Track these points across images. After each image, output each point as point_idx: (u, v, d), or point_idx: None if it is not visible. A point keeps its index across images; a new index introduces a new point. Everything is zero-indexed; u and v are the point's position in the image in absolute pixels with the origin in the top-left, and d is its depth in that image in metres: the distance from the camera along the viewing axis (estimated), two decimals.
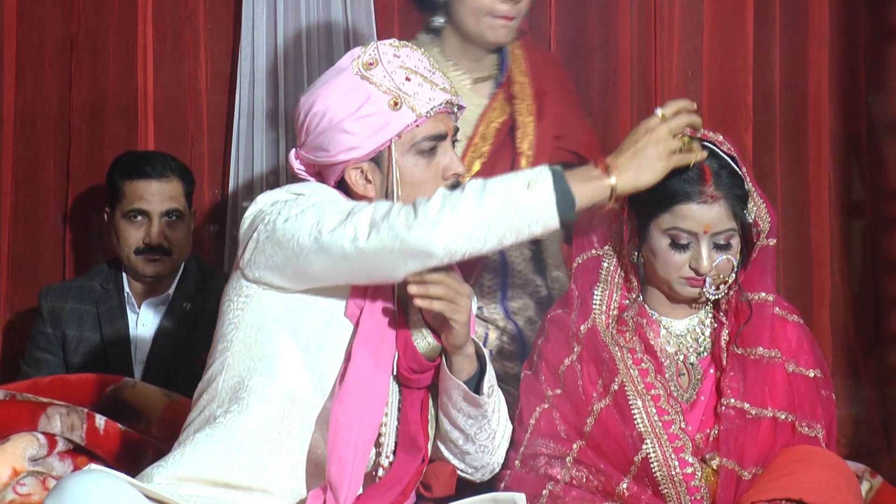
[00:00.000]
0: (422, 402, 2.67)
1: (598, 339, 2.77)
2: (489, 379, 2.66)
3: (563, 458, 2.72)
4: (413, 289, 2.49)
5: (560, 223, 2.44)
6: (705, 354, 2.80)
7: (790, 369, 2.76)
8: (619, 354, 2.76)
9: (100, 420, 3.04)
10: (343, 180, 2.65)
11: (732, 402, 2.72)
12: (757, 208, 2.76)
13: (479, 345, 2.67)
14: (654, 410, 2.71)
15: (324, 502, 2.52)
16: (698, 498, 2.68)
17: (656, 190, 2.64)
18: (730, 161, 2.74)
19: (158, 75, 4.06)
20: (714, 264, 2.72)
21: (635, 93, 3.94)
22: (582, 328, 2.78)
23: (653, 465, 2.69)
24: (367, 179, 2.64)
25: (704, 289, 2.74)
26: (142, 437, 3.08)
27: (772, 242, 2.79)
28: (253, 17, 3.99)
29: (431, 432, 2.70)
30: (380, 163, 2.62)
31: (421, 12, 3.36)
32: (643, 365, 2.75)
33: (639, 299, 2.81)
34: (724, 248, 2.72)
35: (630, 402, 2.72)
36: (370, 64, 2.62)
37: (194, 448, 2.56)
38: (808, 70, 4.01)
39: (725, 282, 2.75)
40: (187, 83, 4.07)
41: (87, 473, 2.47)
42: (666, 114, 2.58)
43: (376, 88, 2.60)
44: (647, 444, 2.69)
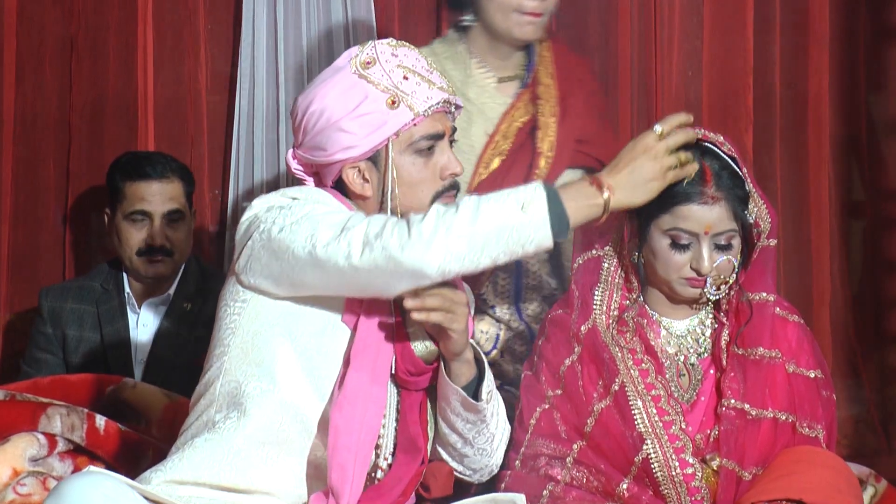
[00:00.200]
0: (420, 403, 2.66)
1: (599, 340, 2.77)
2: (488, 384, 2.66)
3: (564, 459, 2.72)
4: (409, 303, 2.49)
5: (553, 242, 2.45)
6: (706, 355, 2.80)
7: (791, 370, 2.76)
8: (619, 355, 2.76)
9: (100, 420, 3.04)
10: (341, 179, 2.65)
11: (733, 402, 2.72)
12: (758, 209, 2.76)
13: (478, 350, 2.67)
14: (655, 411, 2.71)
15: None
16: (699, 498, 2.68)
17: None
18: (730, 162, 2.74)
19: (158, 75, 4.06)
20: (715, 265, 2.72)
21: (635, 93, 3.94)
22: (582, 328, 2.78)
23: (653, 466, 2.69)
24: (364, 178, 2.63)
25: (705, 289, 2.74)
26: (142, 438, 3.09)
27: (772, 243, 2.79)
28: (253, 18, 3.99)
29: (431, 433, 2.70)
30: (377, 162, 2.62)
31: (450, 10, 3.35)
32: (644, 365, 2.75)
33: (639, 300, 2.81)
34: (724, 248, 2.72)
35: (630, 403, 2.72)
36: (368, 63, 2.62)
37: (193, 452, 2.56)
38: (809, 70, 4.01)
39: (726, 282, 2.75)
40: (187, 83, 4.07)
41: (86, 475, 2.47)
42: (665, 130, 2.58)
43: (374, 87, 2.60)
44: (647, 444, 2.69)
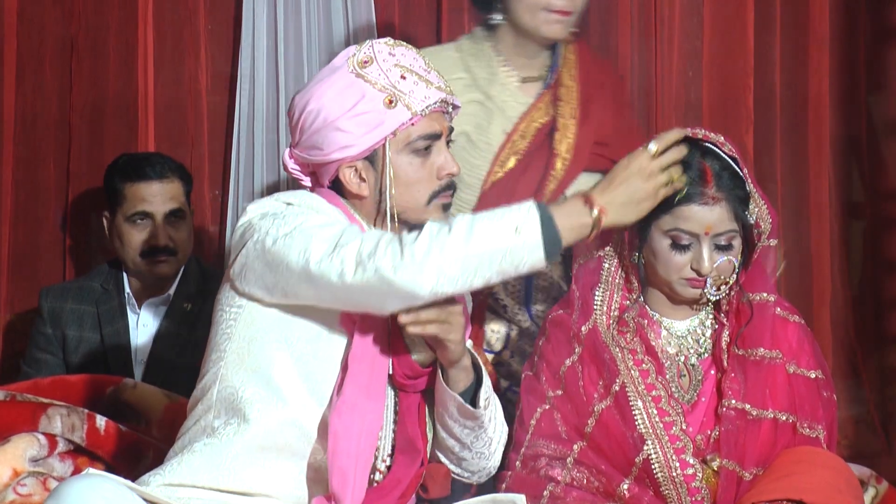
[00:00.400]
0: (418, 405, 2.66)
1: (599, 340, 2.77)
2: (485, 391, 2.65)
3: (564, 459, 2.72)
4: (403, 318, 2.48)
5: (546, 263, 2.46)
6: (706, 355, 2.80)
7: (791, 370, 2.76)
8: (619, 355, 2.76)
9: (100, 421, 3.04)
10: (337, 179, 2.64)
11: (733, 402, 2.72)
12: (758, 209, 2.76)
13: (475, 355, 2.67)
14: (655, 411, 2.71)
15: None
16: (699, 499, 2.68)
17: None
18: (731, 162, 2.74)
19: (159, 76, 4.06)
20: (715, 265, 2.72)
21: (635, 93, 3.94)
22: (583, 329, 2.78)
23: (654, 467, 2.69)
24: (361, 178, 2.62)
25: (705, 290, 2.74)
26: (142, 438, 3.09)
27: (773, 243, 2.79)
28: (253, 18, 3.99)
29: (430, 435, 2.70)
30: (374, 161, 2.61)
31: (478, 11, 3.34)
32: (644, 366, 2.75)
33: (640, 300, 2.81)
34: (725, 249, 2.72)
35: (631, 403, 2.72)
36: (365, 62, 2.61)
37: (192, 457, 2.56)
38: (809, 71, 4.01)
39: (726, 282, 2.75)
40: (187, 84, 4.07)
41: (85, 478, 2.47)
42: (658, 149, 2.58)
43: (371, 86, 2.59)
44: (648, 445, 2.69)
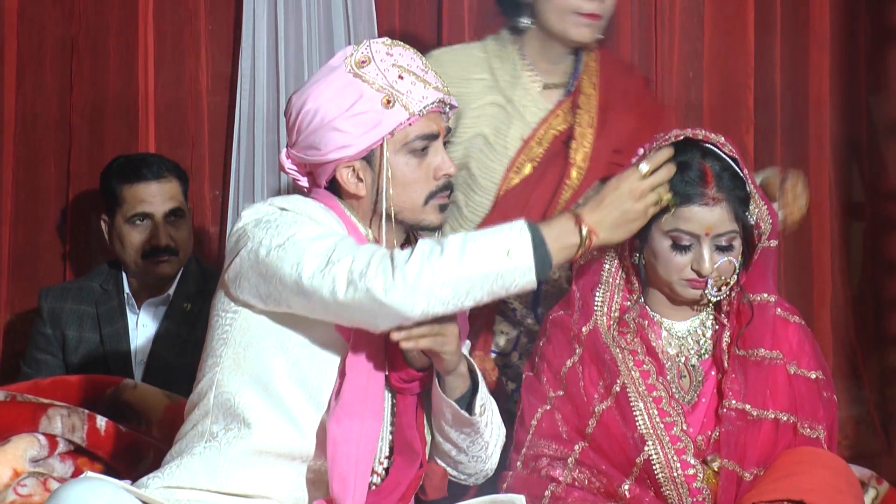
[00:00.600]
0: (416, 407, 2.66)
1: (600, 341, 2.77)
2: (481, 397, 2.65)
3: (565, 460, 2.72)
4: (395, 335, 2.48)
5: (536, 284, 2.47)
6: (706, 356, 2.80)
7: (792, 371, 2.76)
8: (620, 356, 2.76)
9: (101, 421, 3.04)
10: (334, 179, 2.63)
11: (734, 403, 2.71)
12: (759, 210, 2.76)
13: (472, 362, 2.67)
14: (656, 412, 2.71)
15: None
16: (700, 500, 2.68)
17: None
18: (731, 163, 2.74)
19: (159, 76, 4.06)
20: (716, 266, 2.71)
21: None
22: (584, 330, 2.78)
23: (655, 467, 2.69)
24: (358, 178, 2.62)
25: (706, 290, 2.73)
26: (143, 439, 3.09)
27: (773, 244, 2.79)
28: (254, 19, 4.00)
29: (428, 437, 2.69)
30: (371, 161, 2.61)
31: (506, 14, 3.32)
32: (645, 366, 2.75)
33: (640, 301, 2.81)
34: (725, 249, 2.72)
35: (632, 404, 2.72)
36: (363, 62, 2.61)
37: (191, 460, 2.56)
38: (809, 72, 4.01)
39: (727, 283, 2.75)
40: (188, 84, 4.07)
41: (84, 481, 2.47)
42: (649, 169, 2.58)
43: (369, 86, 2.58)
44: (648, 445, 2.69)
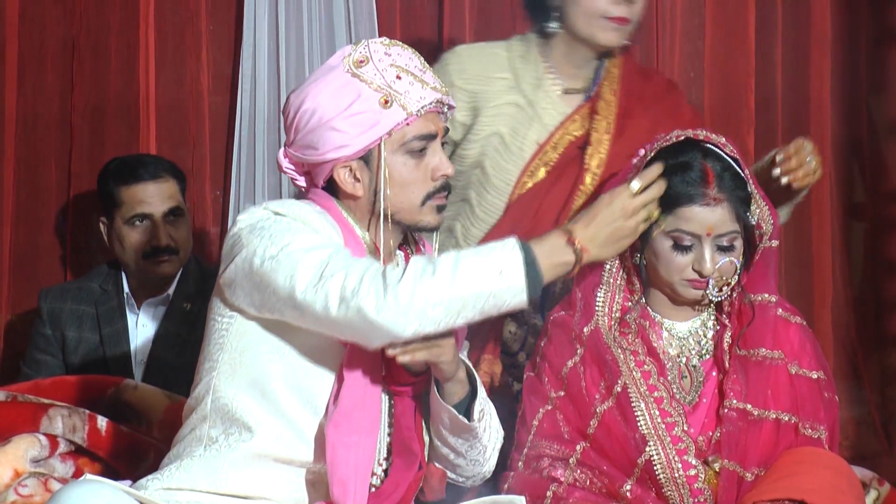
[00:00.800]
0: (414, 408, 2.65)
1: (601, 341, 2.77)
2: (480, 403, 2.64)
3: (567, 460, 2.72)
4: (391, 351, 2.48)
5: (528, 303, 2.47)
6: (707, 357, 2.80)
7: (793, 371, 2.76)
8: (621, 356, 2.76)
9: (101, 421, 3.04)
10: (332, 179, 2.62)
11: (734, 403, 2.71)
12: (760, 210, 2.76)
13: (470, 367, 2.66)
14: (657, 412, 2.71)
15: None
16: (702, 500, 2.68)
17: None
18: (733, 163, 2.74)
19: (160, 77, 4.06)
20: (717, 266, 2.71)
21: None
22: (585, 330, 2.78)
23: (656, 468, 2.69)
24: (356, 178, 2.61)
25: (707, 291, 2.73)
26: (143, 439, 3.09)
27: (774, 244, 2.79)
28: (255, 19, 4.00)
29: (426, 438, 2.69)
30: (369, 161, 2.60)
31: (533, 17, 3.30)
32: (646, 367, 2.75)
33: (641, 301, 2.81)
34: (726, 250, 2.72)
35: (633, 405, 2.72)
36: (361, 62, 2.60)
37: (190, 462, 2.56)
38: (810, 72, 4.01)
39: (728, 283, 2.75)
40: (189, 85, 4.07)
41: (84, 484, 2.46)
42: (640, 187, 2.58)
43: (367, 86, 2.57)
44: (650, 446, 2.69)
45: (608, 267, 2.82)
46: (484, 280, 2.42)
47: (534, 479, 2.72)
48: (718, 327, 2.81)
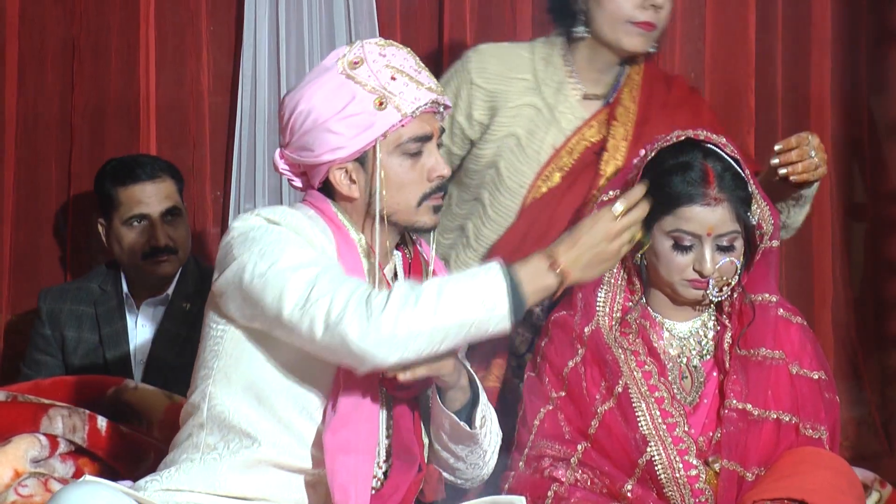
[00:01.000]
0: (413, 410, 2.64)
1: (602, 342, 2.77)
2: (482, 409, 2.64)
3: (568, 460, 2.72)
4: (390, 372, 2.47)
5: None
6: (708, 357, 2.80)
7: (794, 371, 2.76)
8: (622, 357, 2.76)
9: (101, 422, 3.04)
10: (328, 180, 2.62)
11: (735, 403, 2.72)
12: (760, 210, 2.76)
13: (472, 373, 2.65)
14: (658, 413, 2.71)
15: None
16: (702, 500, 2.68)
17: (659, 192, 2.66)
18: (733, 163, 2.74)
19: (160, 77, 4.06)
20: (717, 266, 2.71)
21: None
22: (586, 330, 2.79)
23: (657, 468, 2.69)
24: (351, 180, 2.60)
25: (707, 291, 2.74)
26: (143, 439, 3.09)
27: (775, 244, 2.79)
28: (255, 19, 3.99)
29: (426, 440, 2.69)
30: (364, 163, 2.59)
31: (558, 22, 3.28)
32: (647, 367, 2.75)
33: (642, 301, 2.81)
34: (727, 250, 2.72)
35: (634, 405, 2.72)
36: (355, 63, 2.59)
37: (190, 465, 2.56)
38: (811, 73, 4.01)
39: (729, 284, 2.75)
40: (189, 85, 4.07)
41: (84, 485, 2.46)
42: (623, 209, 2.55)
43: (361, 88, 2.57)
44: (651, 446, 2.69)
45: None
46: (467, 309, 2.41)
47: (535, 479, 2.72)
48: (719, 327, 2.81)
